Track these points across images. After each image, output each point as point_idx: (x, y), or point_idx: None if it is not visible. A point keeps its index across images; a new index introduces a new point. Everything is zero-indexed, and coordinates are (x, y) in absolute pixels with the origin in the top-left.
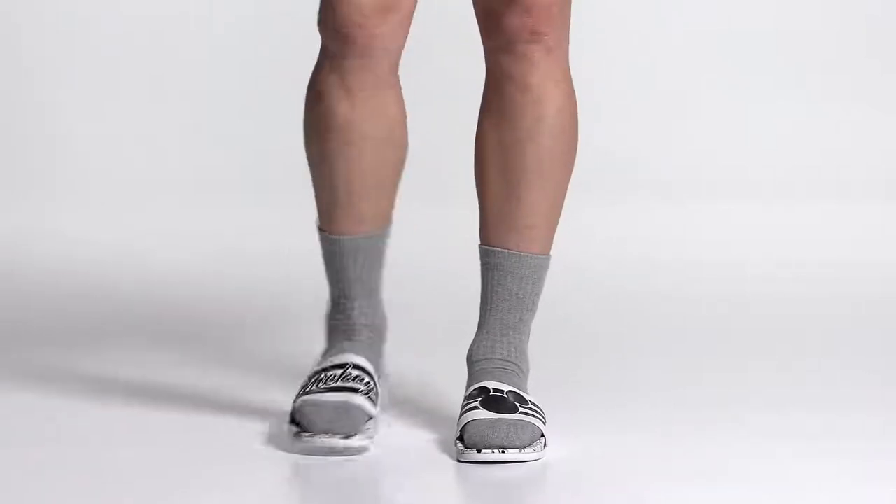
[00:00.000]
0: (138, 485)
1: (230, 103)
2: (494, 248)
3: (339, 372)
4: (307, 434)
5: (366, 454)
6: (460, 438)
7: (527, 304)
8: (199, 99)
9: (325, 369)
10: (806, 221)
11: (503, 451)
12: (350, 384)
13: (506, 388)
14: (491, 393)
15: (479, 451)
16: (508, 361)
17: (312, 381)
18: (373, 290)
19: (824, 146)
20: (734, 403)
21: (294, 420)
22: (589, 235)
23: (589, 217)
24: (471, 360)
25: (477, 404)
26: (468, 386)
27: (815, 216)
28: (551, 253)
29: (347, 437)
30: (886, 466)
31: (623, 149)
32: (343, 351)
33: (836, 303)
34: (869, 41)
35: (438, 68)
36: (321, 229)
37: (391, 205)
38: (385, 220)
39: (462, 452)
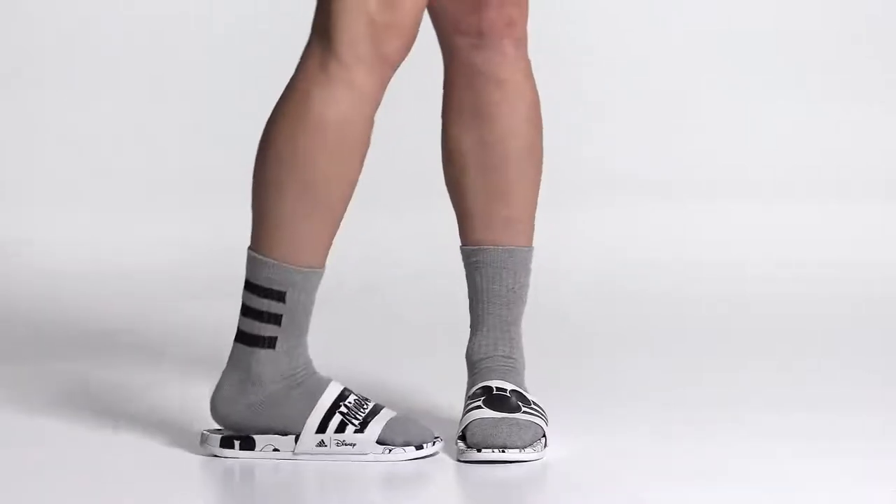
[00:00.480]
0: (138, 486)
1: (230, 103)
2: (485, 247)
3: (353, 396)
4: (405, 447)
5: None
6: (462, 438)
7: (522, 298)
8: (199, 99)
9: (340, 398)
10: (806, 221)
11: (503, 451)
12: (376, 403)
13: (509, 386)
14: (494, 392)
15: (479, 451)
16: (511, 358)
17: (348, 413)
18: None
19: (824, 146)
20: (734, 403)
21: (385, 442)
22: (589, 235)
23: (589, 217)
24: (472, 359)
25: (480, 403)
26: (471, 385)
27: (815, 216)
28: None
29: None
30: (886, 466)
31: (623, 149)
32: (328, 381)
33: (836, 303)
34: (869, 41)
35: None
36: (286, 264)
37: None
38: None
39: (462, 452)
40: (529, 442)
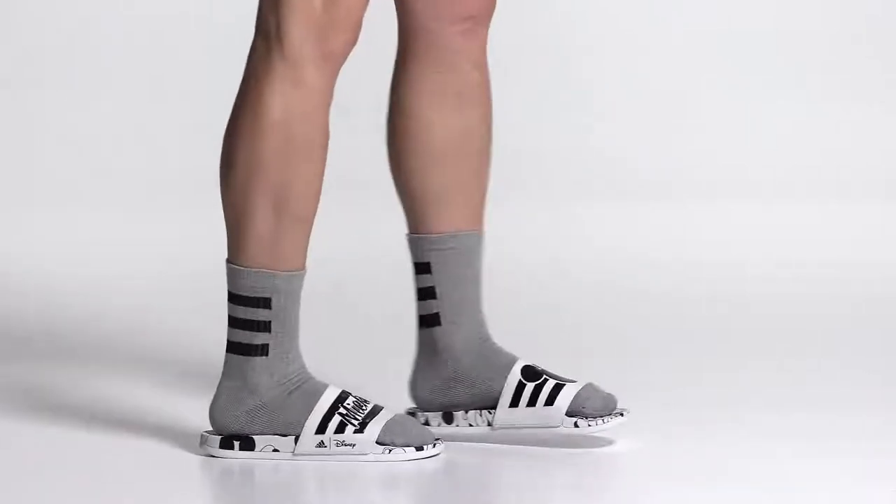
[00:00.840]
0: (138, 486)
1: (230, 103)
2: (459, 233)
3: (353, 398)
4: (405, 448)
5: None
6: (575, 413)
7: (481, 281)
8: (199, 99)
9: (339, 400)
10: (806, 221)
11: (621, 415)
12: (375, 403)
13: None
14: (539, 368)
15: (604, 420)
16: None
17: (347, 414)
18: None
19: (824, 146)
20: (734, 403)
21: (385, 442)
22: (589, 235)
23: (589, 217)
24: (470, 344)
25: (559, 380)
26: (502, 369)
27: (815, 216)
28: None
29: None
30: (886, 466)
31: (623, 149)
32: (325, 385)
33: (836, 303)
34: (869, 41)
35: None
36: (263, 269)
37: None
38: None
39: (587, 425)
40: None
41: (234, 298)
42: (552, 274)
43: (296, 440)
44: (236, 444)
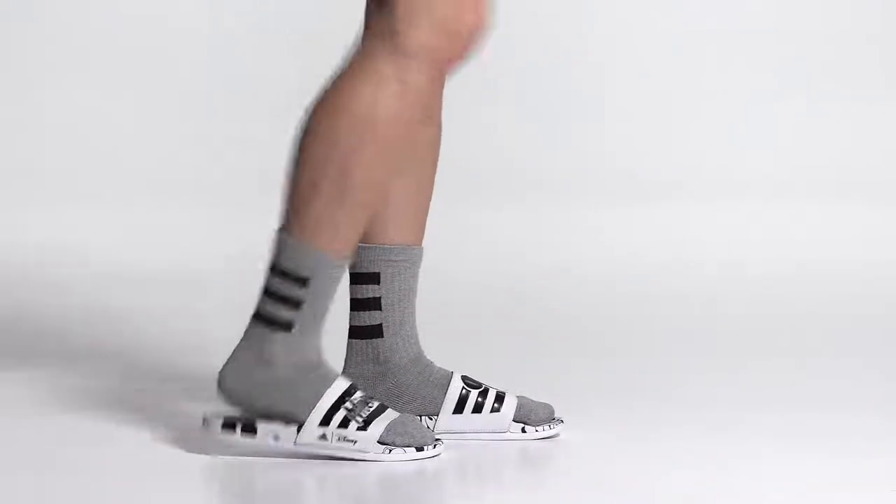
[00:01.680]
0: (138, 485)
1: (230, 103)
2: (413, 246)
3: (360, 393)
4: (406, 448)
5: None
6: (521, 421)
7: None
8: (199, 99)
9: (346, 393)
10: (806, 221)
11: (562, 421)
12: (380, 402)
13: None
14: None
15: (552, 425)
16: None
17: (352, 410)
18: None
19: (824, 146)
20: (734, 403)
21: (386, 442)
22: (589, 236)
23: (589, 217)
24: (408, 357)
25: (495, 387)
26: (443, 379)
27: (815, 216)
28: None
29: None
30: (886, 466)
31: (623, 149)
32: (336, 374)
33: (836, 303)
34: (869, 41)
35: None
36: (322, 251)
37: None
38: None
39: (534, 430)
40: None
41: (274, 269)
42: (552, 274)
43: (298, 430)
44: (238, 427)
